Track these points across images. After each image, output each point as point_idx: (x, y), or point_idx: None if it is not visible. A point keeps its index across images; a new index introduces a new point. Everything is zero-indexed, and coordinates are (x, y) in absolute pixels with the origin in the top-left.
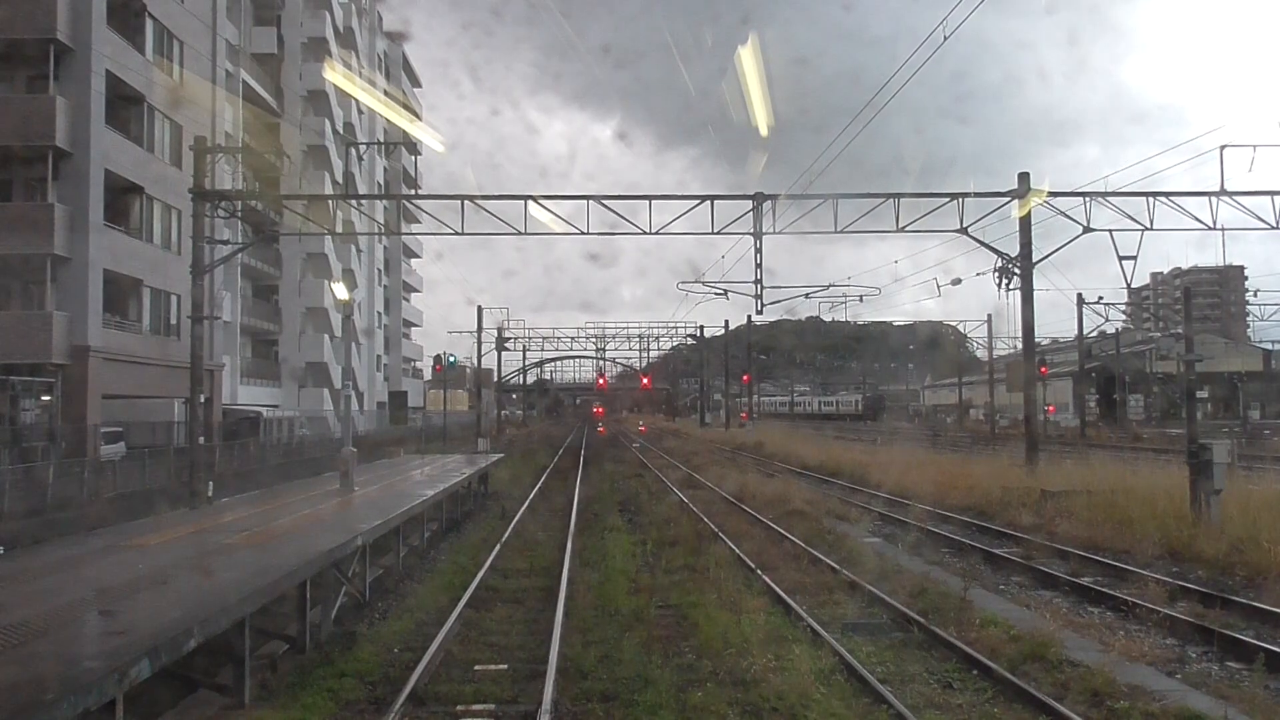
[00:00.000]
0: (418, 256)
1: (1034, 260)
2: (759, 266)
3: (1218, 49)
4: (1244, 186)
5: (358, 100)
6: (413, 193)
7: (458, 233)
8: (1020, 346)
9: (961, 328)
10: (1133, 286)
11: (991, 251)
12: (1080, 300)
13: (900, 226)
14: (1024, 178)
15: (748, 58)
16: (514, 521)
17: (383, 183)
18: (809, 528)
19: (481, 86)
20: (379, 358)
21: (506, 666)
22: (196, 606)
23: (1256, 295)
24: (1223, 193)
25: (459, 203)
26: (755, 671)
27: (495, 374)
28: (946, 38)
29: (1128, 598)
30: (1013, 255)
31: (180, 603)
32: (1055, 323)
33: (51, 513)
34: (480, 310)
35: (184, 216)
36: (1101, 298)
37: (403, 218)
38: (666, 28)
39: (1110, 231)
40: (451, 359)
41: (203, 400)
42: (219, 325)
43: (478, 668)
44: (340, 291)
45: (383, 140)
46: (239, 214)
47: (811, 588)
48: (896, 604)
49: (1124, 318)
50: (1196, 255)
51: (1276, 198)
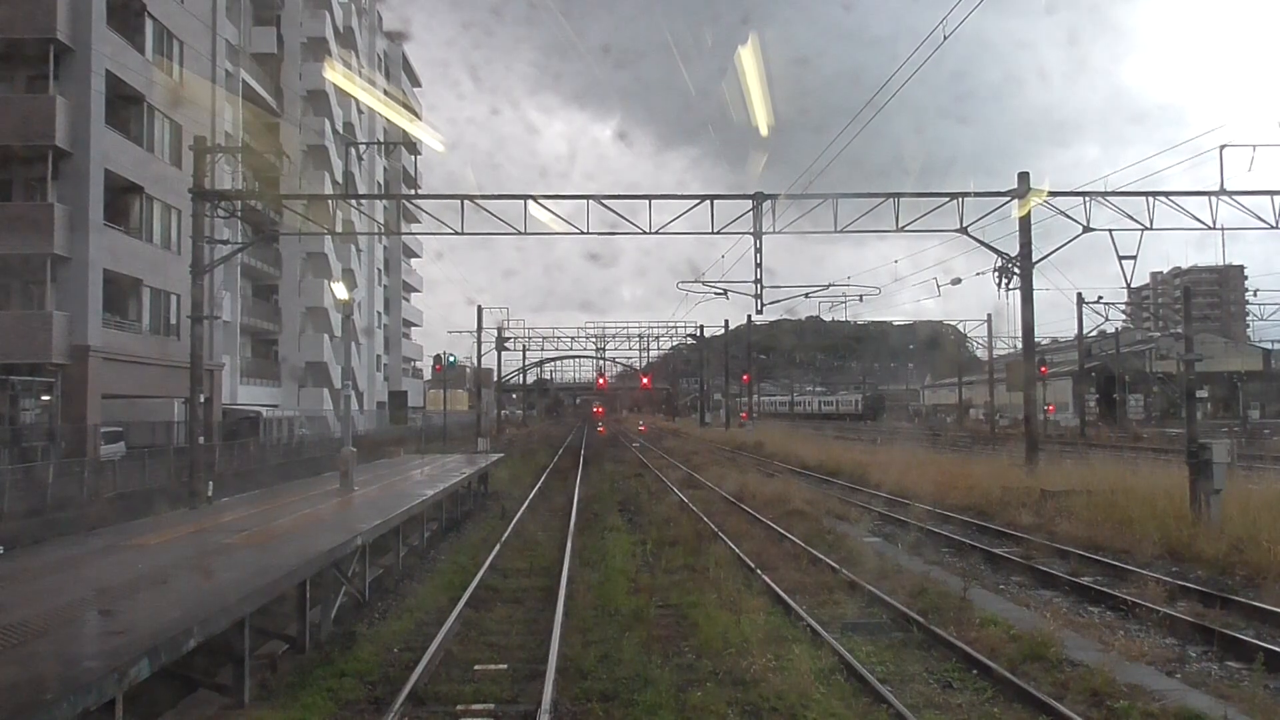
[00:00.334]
0: (418, 256)
1: (1034, 260)
2: (759, 266)
3: (1218, 49)
4: (1244, 186)
5: (358, 100)
6: (413, 192)
7: (458, 232)
8: (1020, 346)
9: (961, 327)
10: (1132, 286)
11: (991, 251)
12: (1080, 300)
13: (900, 226)
14: (1024, 177)
15: (748, 57)
16: (514, 521)
17: (383, 182)
18: (809, 527)
19: (481, 86)
20: (379, 357)
21: (506, 666)
22: (196, 606)
23: (1256, 295)
24: (1222, 192)
25: (459, 202)
26: (755, 671)
27: (495, 374)
28: (946, 38)
29: (1127, 597)
30: (1012, 255)
31: (180, 602)
32: (1055, 322)
33: (51, 512)
34: (480, 310)
35: (184, 216)
36: (1101, 297)
37: (403, 217)
38: (666, 28)
39: (1110, 231)
40: (451, 359)
41: (202, 400)
42: (219, 325)
43: (477, 667)
44: (340, 291)
45: (383, 140)
46: (239, 214)
47: (811, 587)
48: (896, 604)
49: (1124, 317)
50: (1196, 255)
51: (1276, 197)
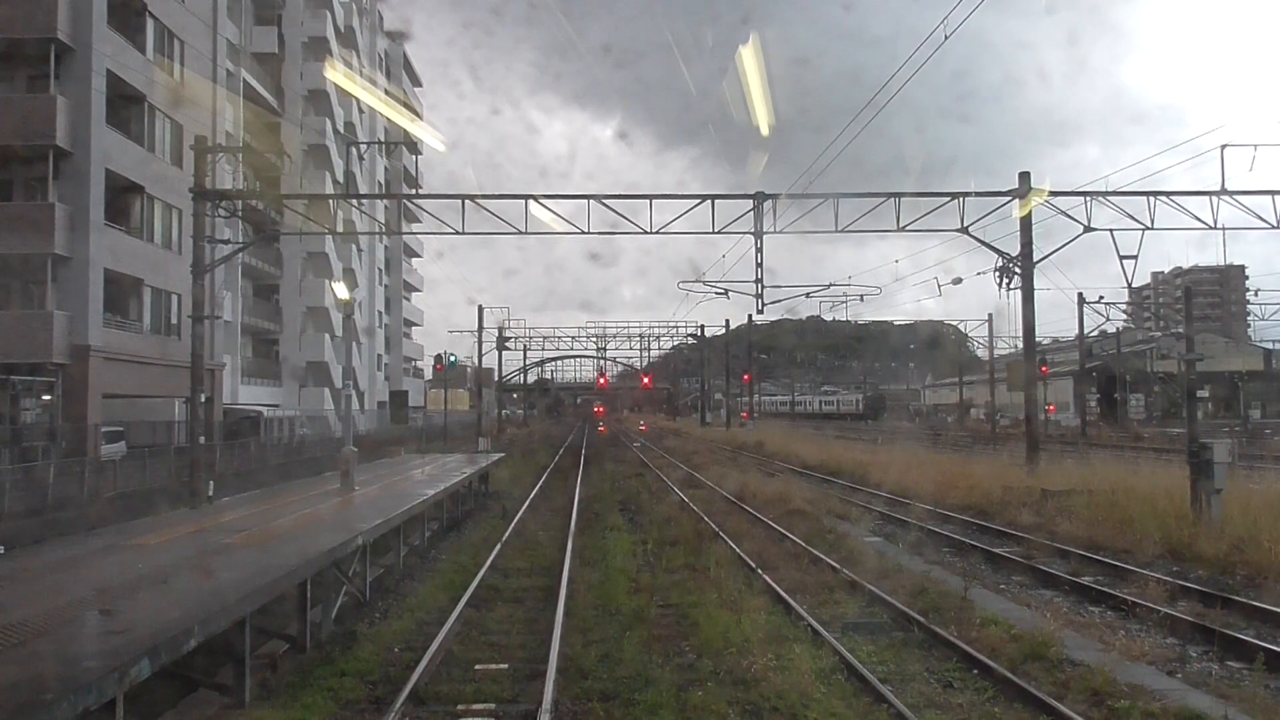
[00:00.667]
0: (418, 256)
1: (1034, 260)
2: (759, 266)
3: (1218, 49)
4: (1245, 186)
5: (358, 99)
6: (413, 192)
7: (458, 232)
8: (1021, 346)
9: (962, 327)
10: (1133, 286)
11: (992, 251)
12: (1081, 300)
13: (901, 226)
14: (1024, 177)
15: (748, 57)
16: (514, 521)
17: (383, 182)
18: (809, 527)
19: (482, 86)
20: (379, 357)
21: (507, 666)
22: (197, 606)
23: (1257, 295)
24: (1223, 192)
25: (460, 202)
26: (756, 671)
27: (496, 373)
28: (947, 38)
29: (1128, 597)
30: (1013, 255)
31: (180, 602)
32: (1056, 322)
33: (51, 512)
34: (481, 310)
35: (185, 216)
36: (1102, 297)
37: (403, 217)
38: (667, 28)
39: (1111, 231)
40: (452, 358)
41: (203, 400)
42: (220, 325)
43: (478, 667)
44: (341, 291)
45: (383, 139)
46: (239, 213)
47: (812, 587)
48: (897, 603)
49: (1125, 317)
50: (1197, 255)
51: (1277, 197)
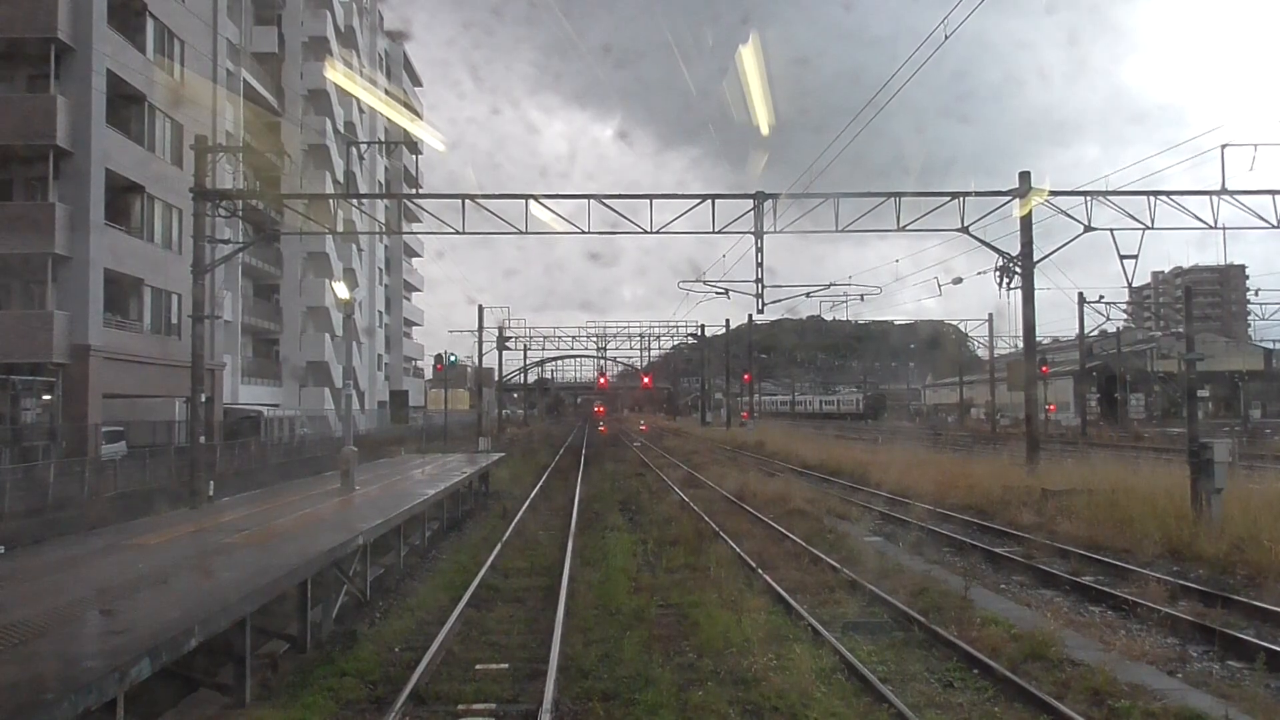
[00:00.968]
0: (419, 255)
1: (1035, 259)
2: (760, 266)
3: (1218, 49)
4: (1245, 185)
5: (358, 99)
6: (413, 192)
7: (459, 232)
8: (1021, 345)
9: (962, 327)
10: (1134, 285)
11: (992, 250)
12: (1081, 299)
13: (901, 226)
14: (1025, 177)
15: (748, 57)
16: (515, 521)
17: (383, 182)
18: (810, 527)
19: (482, 86)
20: (380, 357)
21: (507, 665)
22: (197, 606)
23: (1257, 294)
24: (1224, 192)
25: (460, 202)
26: (756, 670)
27: (496, 373)
28: (947, 38)
29: (1128, 597)
30: (1014, 254)
31: (181, 602)
32: (1056, 322)
33: (52, 512)
34: (481, 309)
35: (185, 216)
36: (1102, 297)
37: (403, 217)
38: (667, 27)
39: (1111, 230)
40: (452, 358)
41: (204, 399)
42: (220, 324)
43: (479, 667)
44: (341, 291)
45: (383, 139)
46: (240, 213)
47: (812, 587)
48: (897, 603)
49: (1125, 317)
50: (1197, 254)
51: (1277, 197)
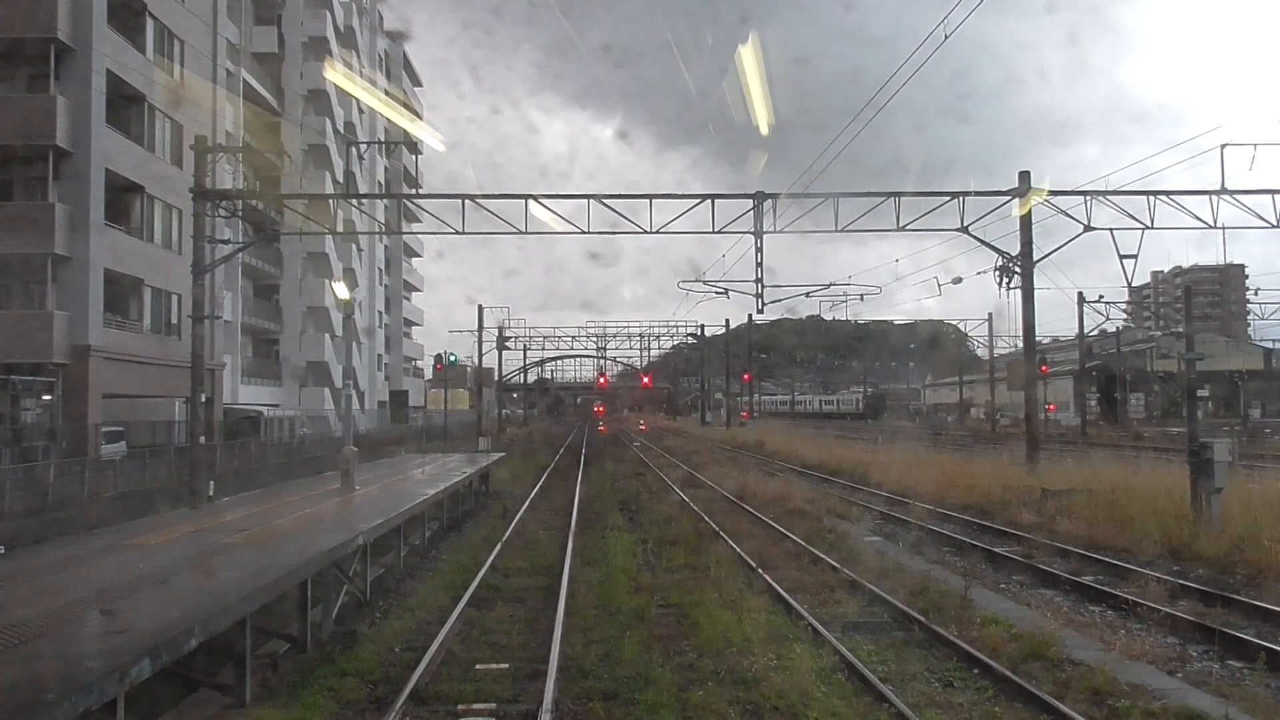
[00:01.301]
0: (418, 255)
1: (1034, 259)
2: (759, 265)
3: (1218, 49)
4: (1244, 185)
5: (358, 99)
6: (413, 192)
7: (458, 232)
8: (1021, 345)
9: (962, 326)
10: (1133, 285)
11: (992, 250)
12: (1081, 299)
13: (901, 225)
14: (1024, 176)
15: (748, 57)
16: (515, 520)
17: (383, 182)
18: (810, 527)
19: (482, 86)
20: (380, 357)
21: (507, 665)
22: (197, 606)
23: (1257, 294)
24: (1223, 191)
25: (460, 202)
26: (756, 670)
27: (496, 373)
28: (947, 37)
29: (1129, 596)
30: (1013, 254)
31: (181, 602)
32: (1056, 321)
33: (52, 512)
34: (481, 309)
35: (185, 216)
36: (1102, 296)
37: (403, 217)
38: (667, 27)
39: (1111, 230)
40: (452, 358)
41: (203, 400)
42: (220, 325)
43: (479, 667)
44: (341, 291)
45: (383, 139)
46: (240, 213)
47: (812, 587)
48: (897, 603)
49: (1125, 316)
50: (1197, 254)
51: (1277, 196)
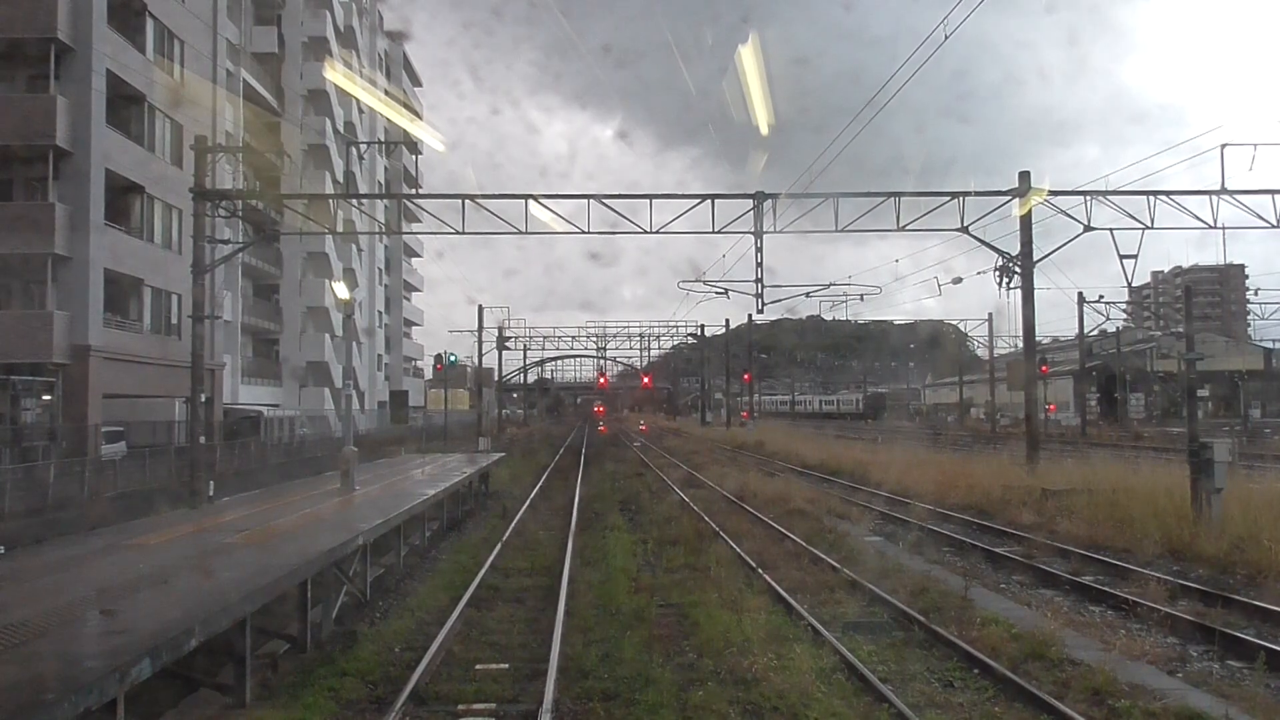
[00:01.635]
0: (418, 256)
1: (1034, 259)
2: (759, 265)
3: (1218, 49)
4: (1244, 185)
5: (358, 99)
6: (413, 192)
7: (458, 232)
8: (1021, 345)
9: (962, 326)
10: (1133, 285)
11: (992, 250)
12: (1081, 299)
13: (901, 225)
14: (1024, 176)
15: (748, 57)
16: (515, 520)
17: (383, 182)
18: (810, 527)
19: (482, 86)
20: (380, 357)
21: (507, 665)
22: (197, 606)
23: (1257, 294)
24: (1223, 191)
25: (460, 202)
26: (756, 670)
27: (496, 373)
28: (947, 37)
29: (1129, 596)
30: (1013, 254)
31: (181, 602)
32: (1056, 321)
33: (52, 512)
34: (481, 309)
35: (185, 216)
36: (1102, 296)
37: (403, 217)
38: (667, 28)
39: (1111, 230)
40: (452, 358)
41: (203, 400)
42: (220, 325)
43: (479, 667)
44: (341, 291)
45: (383, 139)
46: (240, 213)
47: (812, 587)
48: (897, 603)
49: (1125, 316)
50: (1197, 254)
51: (1277, 196)
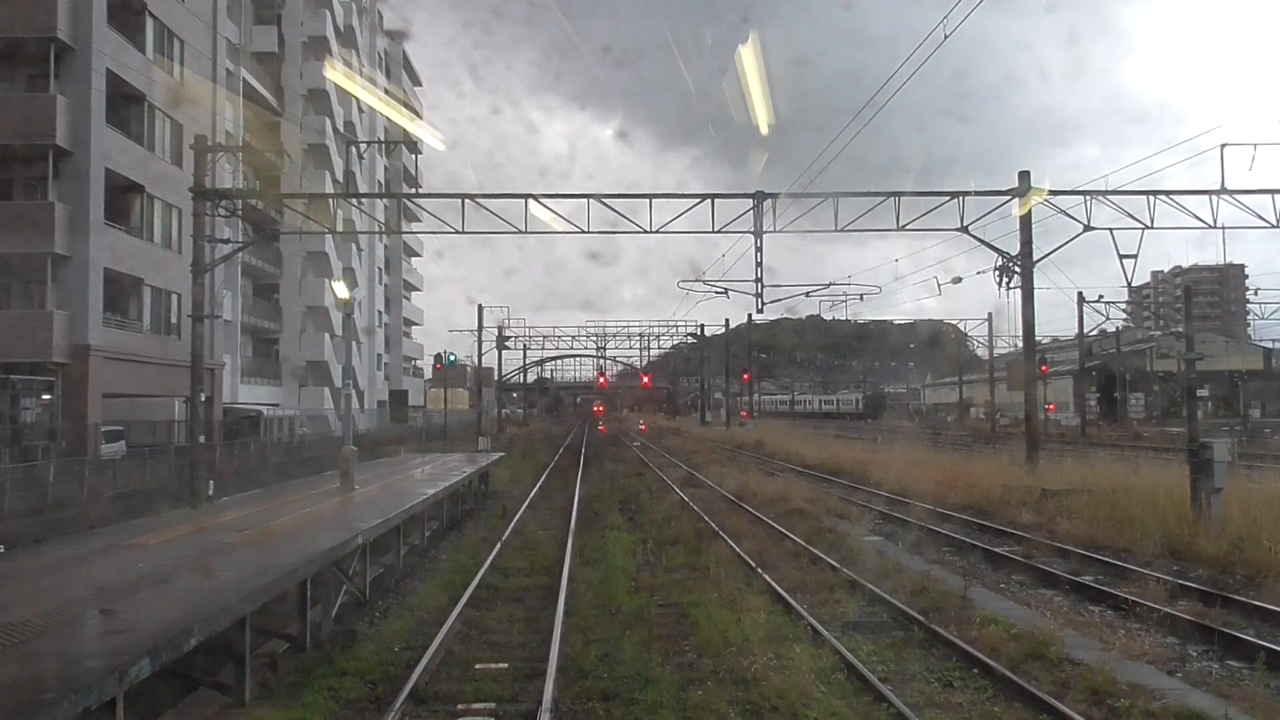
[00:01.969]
0: (418, 255)
1: (1034, 259)
2: (759, 265)
3: (1217, 49)
4: (1244, 185)
5: (358, 99)
6: (413, 191)
7: (458, 231)
8: (1021, 345)
9: (962, 326)
10: (1133, 285)
11: (992, 250)
12: (1081, 299)
13: (901, 225)
14: (1024, 176)
15: (748, 57)
16: (514, 520)
17: (383, 181)
18: (809, 526)
19: (482, 86)
20: (379, 356)
21: (507, 665)
22: (197, 605)
23: (1257, 294)
24: (1223, 191)
25: (459, 201)
26: (756, 670)
27: (496, 373)
28: (946, 37)
29: (1128, 596)
30: (1013, 254)
31: (180, 601)
32: (1056, 321)
33: (52, 512)
34: (481, 309)
35: (184, 215)
36: (1102, 296)
37: (403, 216)
38: (667, 27)
39: (1111, 230)
40: (452, 357)
41: (203, 399)
42: (219, 324)
43: (478, 666)
44: (341, 290)
45: (383, 139)
46: (239, 213)
47: (812, 586)
48: (897, 603)
49: (1124, 316)
50: (1197, 254)
51: (1277, 196)
